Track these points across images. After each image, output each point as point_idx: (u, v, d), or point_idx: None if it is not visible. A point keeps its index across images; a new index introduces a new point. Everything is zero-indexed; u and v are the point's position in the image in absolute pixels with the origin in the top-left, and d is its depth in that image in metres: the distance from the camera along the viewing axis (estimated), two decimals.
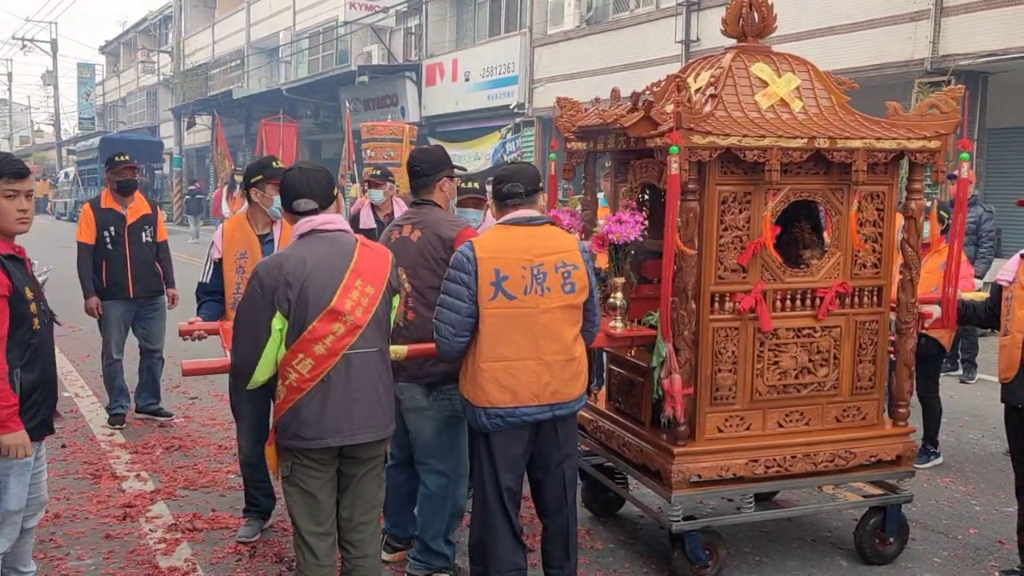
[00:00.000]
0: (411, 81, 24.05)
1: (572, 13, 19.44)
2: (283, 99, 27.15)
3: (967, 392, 8.29)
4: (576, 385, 3.76)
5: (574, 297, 3.70)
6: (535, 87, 20.33)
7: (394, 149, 17.76)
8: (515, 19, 21.99)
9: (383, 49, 26.33)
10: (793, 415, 4.37)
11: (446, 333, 3.65)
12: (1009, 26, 11.89)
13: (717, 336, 4.19)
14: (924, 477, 5.98)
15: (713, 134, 3.91)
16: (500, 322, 3.61)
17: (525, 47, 20.66)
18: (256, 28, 34.85)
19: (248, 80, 34.65)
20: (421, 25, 25.21)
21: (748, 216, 4.15)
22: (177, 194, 34.10)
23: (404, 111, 23.81)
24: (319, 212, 3.42)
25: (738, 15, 4.51)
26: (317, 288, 3.25)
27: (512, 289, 3.61)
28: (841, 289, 4.31)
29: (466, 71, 22.36)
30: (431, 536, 4.23)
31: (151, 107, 45.79)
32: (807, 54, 5.51)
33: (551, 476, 3.86)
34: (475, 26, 23.98)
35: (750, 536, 4.93)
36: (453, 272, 3.66)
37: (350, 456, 3.40)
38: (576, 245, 3.79)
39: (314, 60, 31.62)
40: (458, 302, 3.62)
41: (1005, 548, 4.85)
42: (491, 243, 3.69)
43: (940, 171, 4.33)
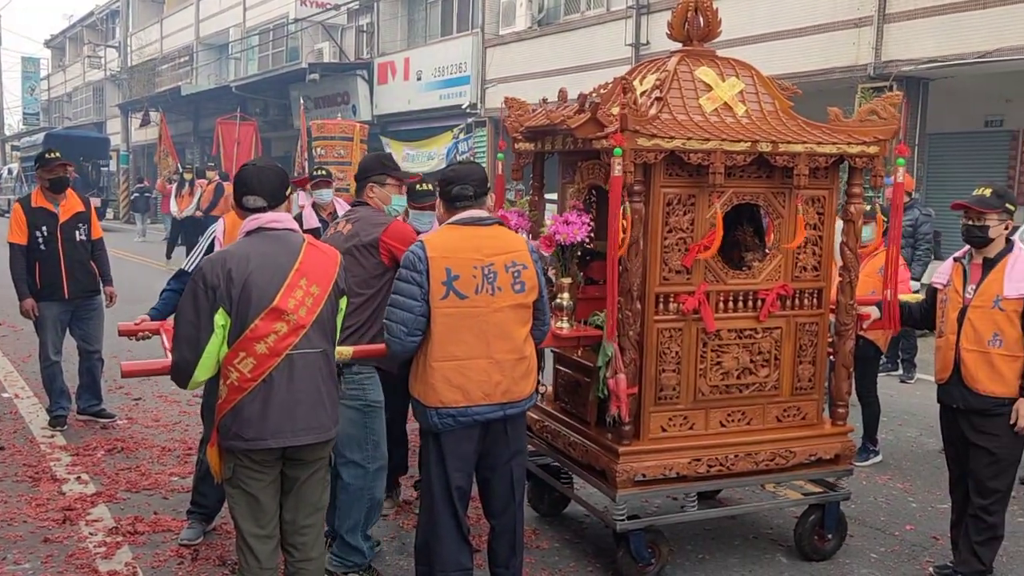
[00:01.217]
0: (363, 79, 23.93)
1: (524, 14, 19.50)
2: (233, 96, 26.82)
3: (906, 392, 8.47)
4: (526, 384, 3.79)
5: (524, 297, 3.72)
6: (487, 87, 20.35)
7: (344, 148, 17.65)
8: (467, 19, 21.99)
9: (334, 47, 26.16)
10: (735, 415, 4.44)
11: (398, 333, 3.63)
12: (949, 33, 12.19)
13: (661, 336, 4.24)
14: (863, 475, 6.11)
15: (658, 137, 3.95)
16: (451, 321, 3.62)
17: (477, 47, 20.67)
18: (205, 24, 34.42)
19: (197, 77, 34.18)
20: (373, 23, 25.08)
21: (692, 218, 4.20)
22: (124, 192, 33.50)
23: (355, 110, 23.68)
24: (267, 210, 3.39)
25: (683, 19, 4.56)
26: (260, 286, 3.21)
27: (463, 289, 3.61)
28: (782, 291, 4.39)
29: (418, 70, 22.31)
30: (347, 529, 4.19)
31: (98, 103, 44.94)
32: (755, 58, 5.60)
33: (499, 475, 3.88)
34: (427, 25, 23.93)
35: (693, 534, 4.99)
36: (405, 272, 3.64)
37: (293, 458, 3.37)
38: (525, 245, 3.82)
39: (264, 57, 31.32)
40: (411, 301, 3.60)
41: (939, 544, 4.97)
42: (442, 242, 3.69)
43: (878, 176, 4.43)
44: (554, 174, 5.10)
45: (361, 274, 4.12)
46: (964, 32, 12.01)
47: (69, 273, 6.62)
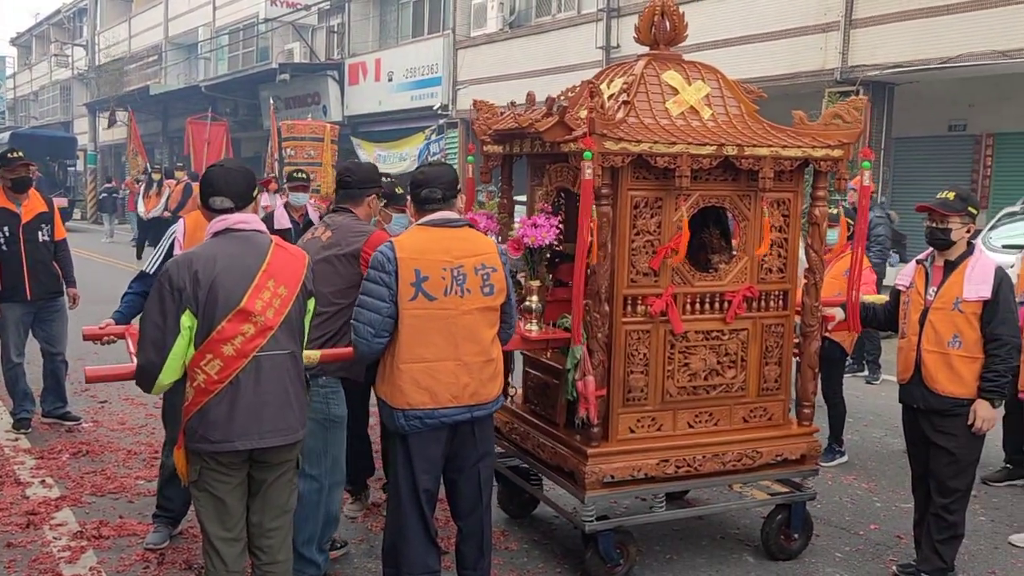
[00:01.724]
0: (333, 80, 23.85)
1: (495, 16, 19.53)
2: (202, 96, 26.63)
3: (872, 392, 8.57)
4: (494, 386, 3.79)
5: (493, 299, 3.73)
6: (459, 89, 20.36)
7: (315, 148, 17.55)
8: (438, 20, 21.99)
9: (305, 47, 26.05)
10: (703, 416, 4.48)
11: (365, 334, 3.62)
12: (914, 38, 12.37)
13: (630, 338, 4.26)
14: (829, 475, 6.17)
15: (625, 140, 3.98)
16: (419, 323, 3.61)
17: (448, 49, 20.67)
18: (174, 23, 34.14)
19: (166, 76, 33.90)
20: (344, 24, 25.02)
21: (659, 221, 4.23)
22: (91, 192, 33.13)
23: (326, 110, 23.60)
24: (234, 211, 3.37)
25: (650, 23, 4.59)
26: (227, 287, 3.19)
27: (432, 290, 3.61)
28: (748, 293, 4.43)
29: (389, 71, 22.26)
30: (302, 542, 4.07)
31: (65, 102, 44.36)
32: (723, 62, 5.66)
33: (467, 477, 3.88)
34: (398, 26, 23.90)
35: (661, 534, 5.02)
36: (373, 272, 3.63)
37: (260, 460, 3.35)
38: (494, 248, 3.83)
39: (234, 57, 31.13)
40: (378, 302, 3.59)
41: (903, 543, 5.03)
42: (411, 244, 3.68)
43: (842, 179, 4.48)
44: (523, 177, 5.11)
45: (338, 283, 4.04)
46: (929, 38, 12.19)
47: (32, 274, 6.53)
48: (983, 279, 4.27)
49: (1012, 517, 5.53)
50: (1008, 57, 11.47)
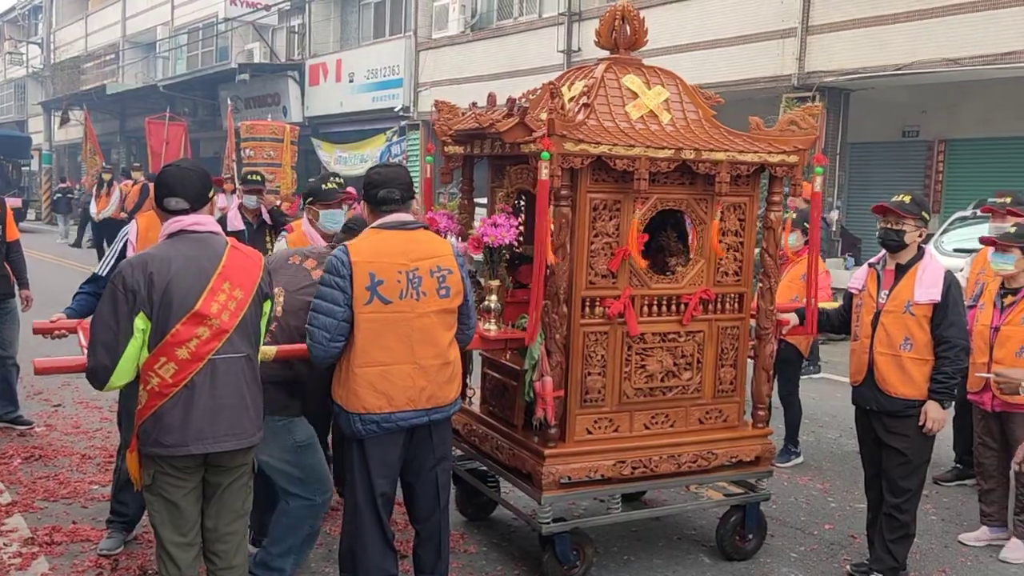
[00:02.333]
0: (294, 80, 23.69)
1: (457, 18, 19.52)
2: (160, 96, 26.29)
3: (827, 394, 8.69)
4: (451, 389, 3.78)
5: (449, 301, 3.72)
6: (420, 91, 20.32)
7: (274, 149, 17.40)
8: (400, 22, 21.94)
9: (265, 47, 25.84)
10: (659, 417, 4.51)
11: (320, 339, 3.59)
12: (868, 46, 12.58)
13: (587, 340, 4.29)
14: (784, 476, 6.25)
15: (585, 142, 4.00)
16: (376, 327, 3.59)
17: (410, 50, 20.63)
18: (132, 22, 33.70)
19: (123, 75, 33.43)
20: (304, 24, 24.86)
21: (618, 223, 4.26)
22: (46, 192, 32.54)
23: (286, 111, 23.43)
24: (189, 212, 3.33)
25: (611, 27, 4.63)
26: (182, 290, 3.16)
27: (388, 293, 3.59)
28: (704, 295, 4.47)
29: (350, 72, 22.16)
30: (278, 552, 4.01)
31: (19, 100, 43.55)
32: (682, 67, 5.71)
33: (424, 480, 3.87)
34: (360, 27, 23.80)
35: (618, 535, 5.05)
36: (328, 277, 3.60)
37: (215, 464, 3.32)
38: (450, 250, 3.82)
39: (193, 56, 30.80)
40: (333, 307, 3.56)
41: (857, 542, 5.11)
42: (366, 247, 3.65)
43: (797, 184, 4.54)
44: (484, 178, 5.12)
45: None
46: (882, 45, 12.41)
47: None
48: (933, 283, 4.36)
49: (962, 516, 5.63)
50: (959, 65, 11.71)
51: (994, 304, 5.08)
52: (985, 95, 13.70)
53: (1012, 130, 14.09)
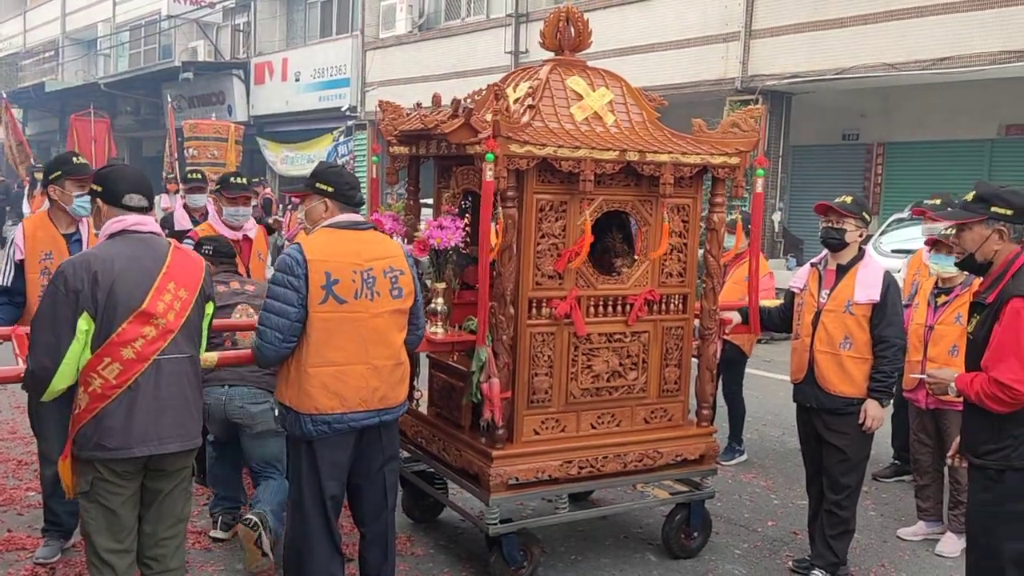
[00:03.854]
0: (239, 79, 23.41)
1: (404, 18, 19.44)
2: (101, 94, 25.77)
3: (770, 392, 8.81)
4: (402, 390, 3.77)
5: (402, 302, 3.70)
6: (367, 90, 20.19)
7: (218, 148, 17.14)
8: (347, 21, 21.78)
9: (209, 45, 25.46)
10: (605, 417, 4.53)
11: (272, 339, 3.53)
12: (809, 50, 12.81)
13: (534, 341, 4.30)
14: (729, 473, 6.33)
15: (530, 143, 4.01)
16: (330, 326, 3.54)
17: (357, 50, 20.50)
18: (72, 18, 33.00)
19: (63, 72, 32.69)
20: (250, 22, 24.56)
21: (564, 224, 4.28)
22: None
23: (231, 110, 23.14)
24: (147, 211, 3.32)
25: (555, 29, 4.64)
26: (128, 289, 3.13)
27: (343, 293, 3.54)
28: (649, 296, 4.50)
29: (297, 71, 21.96)
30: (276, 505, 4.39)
31: None
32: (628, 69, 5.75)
33: (372, 482, 3.83)
34: (306, 26, 23.58)
35: (565, 535, 5.07)
36: (280, 275, 3.53)
37: (157, 469, 3.27)
38: (402, 251, 3.81)
39: (135, 54, 30.26)
40: (287, 307, 3.50)
41: (799, 538, 5.17)
42: (320, 246, 3.60)
43: (739, 186, 4.60)
44: (430, 179, 5.10)
45: None
46: (823, 49, 12.65)
47: None
48: (873, 283, 4.43)
49: (900, 511, 5.75)
50: (897, 69, 11.98)
51: (928, 303, 5.20)
52: (921, 99, 14.05)
53: (947, 134, 14.46)
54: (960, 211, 3.55)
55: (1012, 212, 3.43)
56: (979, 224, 3.46)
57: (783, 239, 14.59)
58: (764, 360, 9.62)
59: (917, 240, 10.25)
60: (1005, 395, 3.29)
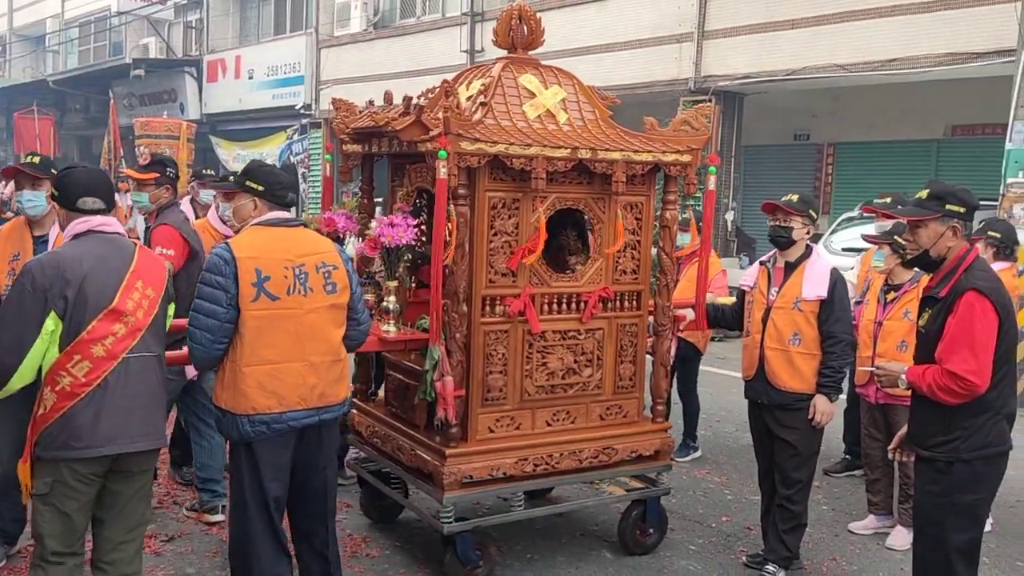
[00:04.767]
0: (191, 77, 23.10)
1: (359, 16, 19.32)
2: (50, 91, 25.25)
3: (724, 389, 8.89)
4: (342, 387, 3.72)
5: (337, 297, 3.66)
6: (322, 88, 20.03)
7: (170, 146, 16.91)
8: (301, 18, 21.58)
9: (161, 42, 25.08)
10: (560, 414, 4.54)
11: (203, 340, 3.46)
12: (761, 50, 12.95)
13: (488, 339, 4.29)
14: (683, 470, 6.38)
15: (481, 141, 4.01)
16: (263, 324, 3.48)
17: (311, 47, 20.33)
18: (19, 14, 32.32)
19: (11, 69, 32.01)
20: (202, 19, 24.20)
21: (517, 222, 4.28)
22: None
23: (183, 107, 22.84)
24: (104, 213, 3.35)
25: (508, 27, 4.64)
26: (97, 286, 3.15)
27: (275, 290, 3.49)
28: (603, 293, 4.52)
29: (250, 69, 21.72)
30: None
31: None
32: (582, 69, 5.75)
33: (313, 482, 3.77)
34: (260, 23, 23.32)
35: (521, 534, 5.07)
36: (208, 276, 3.47)
37: (122, 470, 3.27)
38: (333, 246, 3.78)
39: (85, 51, 29.67)
40: (215, 307, 3.44)
41: (752, 533, 5.24)
42: (250, 243, 3.55)
43: (691, 183, 4.63)
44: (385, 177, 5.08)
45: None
46: (774, 50, 12.79)
47: None
48: (820, 280, 4.49)
49: (851, 506, 5.84)
50: (847, 71, 12.15)
51: (878, 300, 5.28)
52: (870, 101, 14.29)
53: (895, 134, 14.72)
54: (915, 208, 3.60)
55: (964, 210, 3.52)
56: (934, 221, 3.52)
57: (736, 238, 14.74)
58: (718, 358, 9.71)
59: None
60: (958, 386, 3.35)
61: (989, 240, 5.63)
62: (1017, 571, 4.98)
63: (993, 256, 5.59)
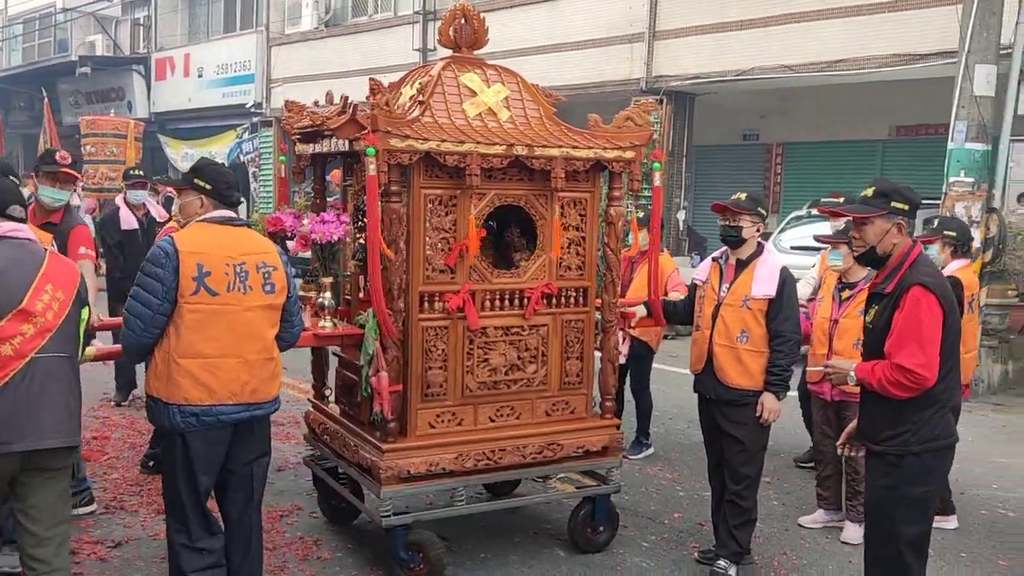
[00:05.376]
0: (139, 75, 22.78)
1: (310, 14, 19.18)
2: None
3: (675, 386, 8.92)
4: (274, 385, 3.76)
5: (274, 297, 3.70)
6: (273, 87, 19.85)
7: (117, 145, 16.64)
8: (251, 16, 21.36)
9: (108, 40, 24.67)
10: (504, 410, 4.52)
11: (135, 327, 3.54)
12: (711, 51, 13.07)
13: (427, 335, 4.28)
14: (636, 467, 6.40)
15: (411, 138, 4.00)
16: (202, 318, 3.53)
17: (262, 45, 20.14)
18: None
19: None
20: (150, 16, 23.87)
21: (455, 219, 4.27)
22: None
23: (131, 106, 22.54)
24: (25, 221, 3.47)
25: (451, 26, 4.62)
26: (7, 287, 3.19)
27: (215, 285, 3.54)
28: (547, 290, 4.50)
29: (199, 67, 21.46)
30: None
31: None
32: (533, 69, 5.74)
33: (240, 476, 3.82)
34: (209, 21, 23.04)
35: (474, 532, 5.03)
36: (148, 266, 3.54)
37: (36, 468, 3.28)
38: (274, 247, 3.84)
39: (29, 48, 29.09)
40: (151, 297, 3.50)
41: (704, 529, 5.23)
42: (193, 238, 3.61)
43: (635, 180, 4.63)
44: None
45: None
46: (724, 51, 12.92)
47: None
48: (769, 279, 4.50)
49: (801, 500, 5.89)
50: (794, 71, 12.30)
51: (832, 298, 5.29)
52: (817, 101, 14.48)
53: (842, 134, 14.94)
54: (862, 206, 3.64)
55: (908, 207, 3.58)
56: (880, 218, 3.57)
57: (688, 237, 14.85)
58: (670, 355, 9.75)
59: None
60: (908, 380, 3.39)
61: (946, 239, 5.61)
62: (961, 562, 5.05)
63: (951, 255, 5.60)
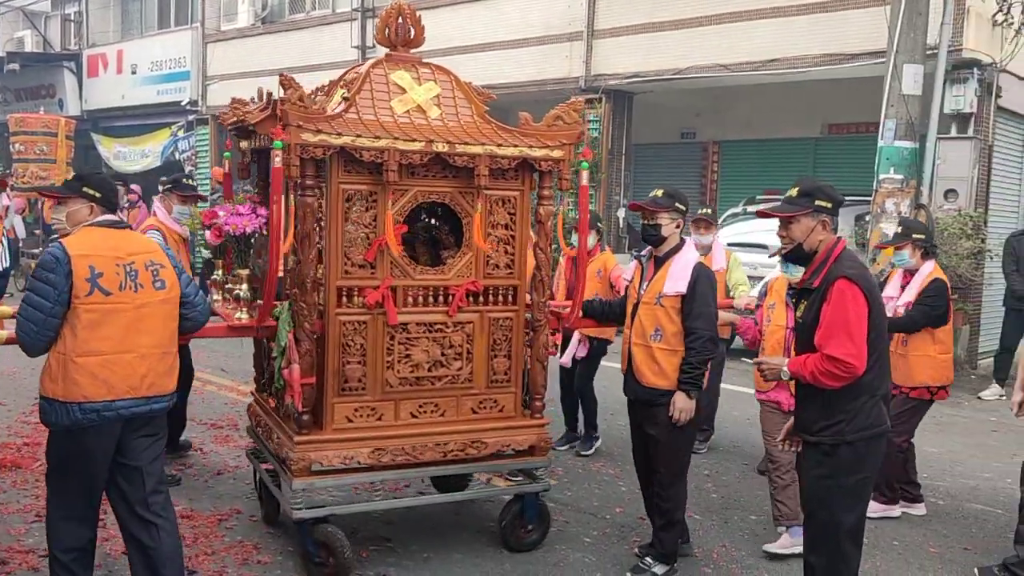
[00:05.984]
0: (70, 72, 22.22)
1: (246, 10, 18.89)
2: None
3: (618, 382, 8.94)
4: (171, 379, 3.84)
5: (167, 293, 3.82)
6: (209, 84, 19.52)
7: (48, 144, 16.30)
8: (186, 12, 20.96)
9: (37, 35, 24.04)
10: (428, 406, 4.50)
11: (28, 330, 3.61)
12: (648, 50, 13.17)
13: (345, 329, 4.27)
14: (579, 463, 6.44)
15: (325, 132, 3.99)
16: (97, 317, 3.62)
17: (197, 42, 19.79)
18: None
19: None
20: (81, 12, 23.30)
21: (375, 214, 4.25)
22: None
23: (63, 103, 21.98)
24: None
25: (386, 25, 4.60)
26: None
27: (108, 285, 3.64)
28: (472, 287, 4.48)
29: (133, 64, 21.02)
30: None
31: None
32: (472, 68, 5.72)
33: (139, 469, 3.82)
34: (143, 17, 22.55)
35: (417, 532, 5.00)
36: (40, 271, 3.63)
37: None
38: (159, 247, 3.99)
39: None
40: (43, 301, 3.57)
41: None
42: (82, 242, 3.70)
43: (564, 179, 4.63)
44: None
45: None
46: (661, 50, 13.02)
47: None
48: (681, 276, 4.48)
49: (739, 493, 5.99)
50: (729, 70, 12.45)
51: (786, 304, 5.01)
52: (751, 100, 14.68)
53: (775, 132, 15.18)
54: (787, 205, 3.71)
55: (831, 205, 3.67)
56: (805, 216, 3.65)
57: (627, 235, 14.94)
58: (615, 351, 9.76)
59: (750, 234, 10.72)
60: (839, 369, 3.46)
61: (916, 243, 5.62)
62: (894, 550, 5.16)
63: (921, 257, 5.64)
